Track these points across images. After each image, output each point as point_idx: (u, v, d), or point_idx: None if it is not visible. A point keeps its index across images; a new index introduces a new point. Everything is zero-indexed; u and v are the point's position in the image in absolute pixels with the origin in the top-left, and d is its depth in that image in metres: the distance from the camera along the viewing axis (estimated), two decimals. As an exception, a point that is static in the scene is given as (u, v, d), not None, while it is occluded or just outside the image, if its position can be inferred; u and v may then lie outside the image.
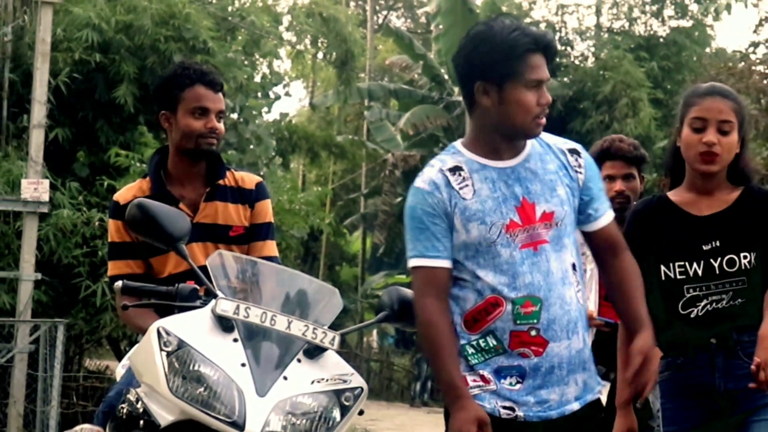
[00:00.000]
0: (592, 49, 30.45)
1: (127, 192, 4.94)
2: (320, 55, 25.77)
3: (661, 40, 29.08)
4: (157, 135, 14.96)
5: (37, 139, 14.09)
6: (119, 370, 5.13)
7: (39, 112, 14.16)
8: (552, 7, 33.24)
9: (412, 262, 3.92)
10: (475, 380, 3.85)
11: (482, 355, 3.87)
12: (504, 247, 3.84)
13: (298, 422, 3.79)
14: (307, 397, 3.84)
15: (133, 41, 16.00)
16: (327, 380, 3.92)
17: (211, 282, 4.06)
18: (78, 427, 4.78)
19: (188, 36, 16.22)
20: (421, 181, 3.91)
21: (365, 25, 35.99)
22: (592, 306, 6.22)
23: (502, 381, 3.84)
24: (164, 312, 4.20)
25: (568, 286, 3.88)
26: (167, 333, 3.83)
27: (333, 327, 4.07)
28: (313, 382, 3.89)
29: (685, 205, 4.50)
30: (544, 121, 3.91)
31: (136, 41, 15.99)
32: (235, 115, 18.26)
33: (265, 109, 22.19)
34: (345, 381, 3.97)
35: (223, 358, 3.81)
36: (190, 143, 4.88)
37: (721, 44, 29.93)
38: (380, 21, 40.45)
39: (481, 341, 3.86)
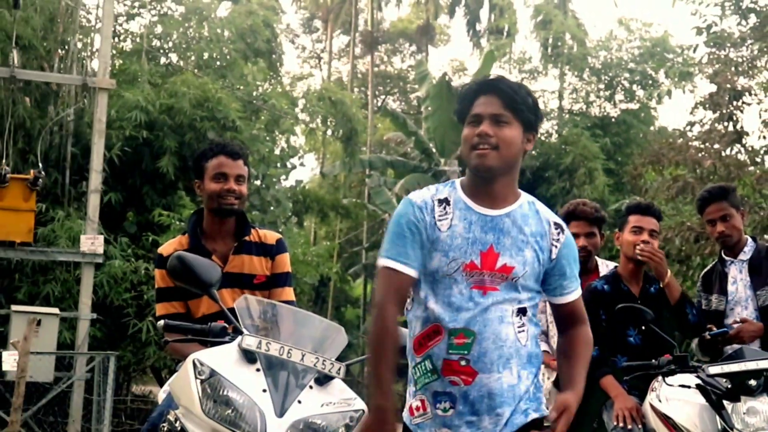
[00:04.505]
0: (555, 128, 30.46)
1: (169, 246, 4.97)
2: (329, 132, 25.83)
3: (613, 119, 29.09)
4: (194, 198, 15.01)
5: (93, 202, 14.13)
6: (161, 394, 5.13)
7: (95, 179, 14.21)
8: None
9: (383, 262, 3.57)
10: (418, 408, 3.69)
11: (424, 377, 3.63)
12: (457, 283, 3.53)
13: (311, 438, 3.81)
14: (318, 417, 3.84)
15: (174, 120, 16.10)
16: (334, 403, 3.93)
17: (238, 321, 4.07)
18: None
19: (220, 116, 16.32)
20: (415, 196, 3.64)
21: (367, 107, 36.15)
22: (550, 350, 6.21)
23: (438, 405, 3.61)
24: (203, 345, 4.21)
25: (506, 325, 3.54)
26: (201, 363, 3.84)
27: (339, 359, 4.08)
28: (322, 405, 3.89)
29: None
30: (482, 151, 3.53)
31: (177, 120, 16.09)
32: (258, 182, 18.31)
33: (284, 176, 22.22)
34: (349, 404, 3.98)
35: (248, 385, 3.81)
36: (213, 203, 4.95)
37: (663, 123, 29.81)
38: (379, 103, 40.58)
39: (422, 364, 3.62)
